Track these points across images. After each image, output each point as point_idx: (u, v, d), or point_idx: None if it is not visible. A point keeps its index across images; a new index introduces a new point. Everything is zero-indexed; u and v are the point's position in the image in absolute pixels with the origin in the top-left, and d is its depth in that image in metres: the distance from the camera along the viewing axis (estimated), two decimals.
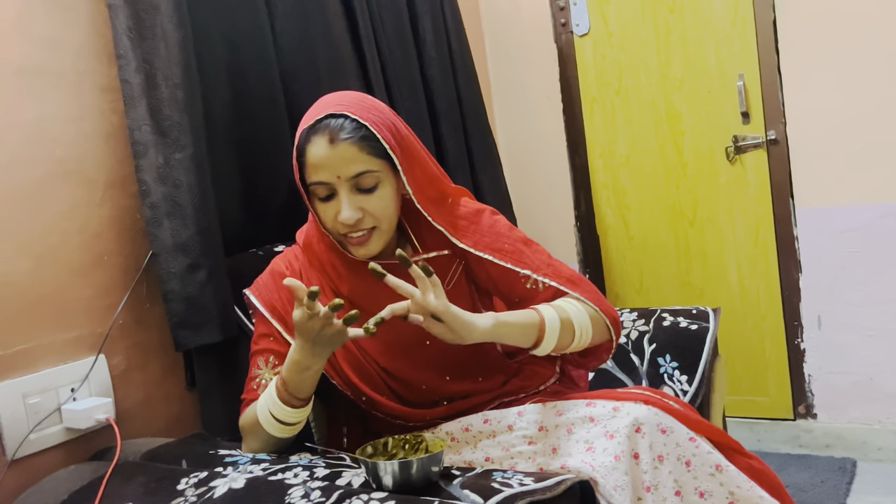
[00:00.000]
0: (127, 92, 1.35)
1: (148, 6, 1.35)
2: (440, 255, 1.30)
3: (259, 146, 1.64)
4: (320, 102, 1.21)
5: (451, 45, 2.19)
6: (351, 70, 1.81)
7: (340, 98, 1.20)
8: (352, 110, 1.16)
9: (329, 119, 1.15)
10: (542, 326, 1.16)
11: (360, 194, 1.18)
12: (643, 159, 2.58)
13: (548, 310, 1.18)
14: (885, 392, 2.26)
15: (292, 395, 1.14)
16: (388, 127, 1.19)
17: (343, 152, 1.15)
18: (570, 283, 1.25)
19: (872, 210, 2.20)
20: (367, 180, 1.17)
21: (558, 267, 1.28)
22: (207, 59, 1.52)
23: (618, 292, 2.71)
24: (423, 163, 1.26)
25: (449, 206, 1.31)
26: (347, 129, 1.15)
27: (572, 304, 1.21)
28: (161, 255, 1.35)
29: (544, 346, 1.17)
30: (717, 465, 1.07)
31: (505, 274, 1.27)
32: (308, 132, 1.16)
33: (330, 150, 1.14)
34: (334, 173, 1.16)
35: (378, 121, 1.18)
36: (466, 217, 1.29)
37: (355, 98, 1.21)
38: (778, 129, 2.32)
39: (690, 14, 2.42)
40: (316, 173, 1.16)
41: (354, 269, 1.26)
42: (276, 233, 1.66)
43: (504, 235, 1.29)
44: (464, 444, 1.22)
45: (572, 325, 1.19)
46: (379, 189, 1.19)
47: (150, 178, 1.35)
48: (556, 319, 1.17)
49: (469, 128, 2.23)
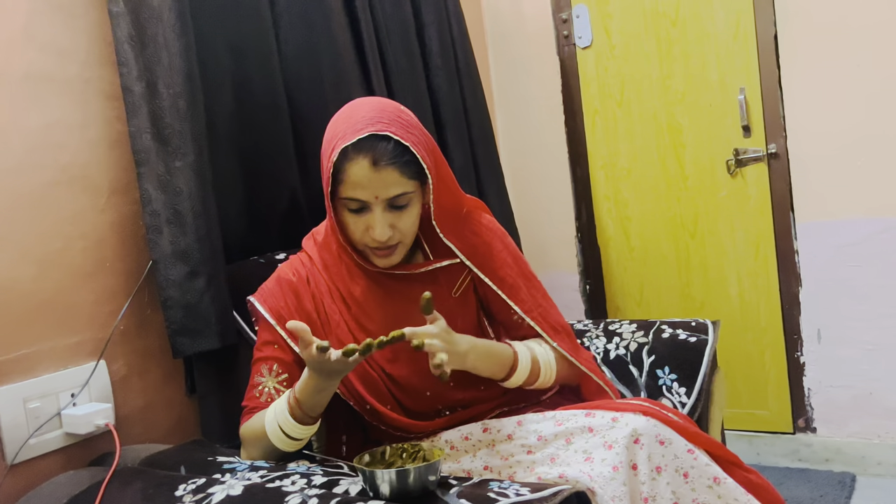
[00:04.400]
0: (128, 100, 1.36)
1: (150, 14, 1.36)
2: (452, 263, 1.33)
3: (262, 154, 1.65)
4: (356, 114, 1.19)
5: (456, 55, 2.20)
6: (355, 79, 1.82)
7: (380, 114, 1.19)
8: (393, 130, 1.16)
9: (372, 140, 1.15)
10: (514, 364, 1.27)
11: (392, 211, 1.20)
12: (644, 171, 2.59)
13: (522, 351, 1.29)
14: (884, 407, 2.26)
15: (306, 414, 1.15)
16: (425, 147, 1.21)
17: (386, 177, 1.16)
18: (551, 331, 1.34)
19: (873, 224, 2.21)
20: (402, 200, 1.20)
21: (547, 310, 1.36)
22: (211, 67, 1.53)
23: (618, 304, 2.71)
24: (449, 180, 1.30)
25: (464, 218, 1.35)
26: (391, 154, 1.15)
27: (543, 349, 1.32)
28: (161, 262, 1.36)
29: (514, 379, 1.28)
30: (715, 478, 1.07)
31: (498, 299, 1.34)
32: (349, 150, 1.15)
33: (373, 172, 1.15)
34: (373, 194, 1.17)
35: (418, 142, 1.19)
36: (480, 235, 1.35)
37: (393, 114, 1.20)
38: (779, 143, 2.33)
39: (692, 28, 2.44)
40: (353, 191, 1.17)
41: (369, 273, 1.29)
42: (277, 241, 1.67)
43: (508, 266, 1.35)
44: (463, 452, 1.22)
45: (539, 369, 1.30)
46: (410, 207, 1.22)
47: (151, 186, 1.36)
48: (527, 363, 1.28)
49: (475, 138, 2.24)
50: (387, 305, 1.28)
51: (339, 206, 1.22)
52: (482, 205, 1.43)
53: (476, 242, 1.34)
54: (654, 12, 2.49)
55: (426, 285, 1.30)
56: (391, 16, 1.98)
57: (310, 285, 1.30)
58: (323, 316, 1.29)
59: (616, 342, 1.73)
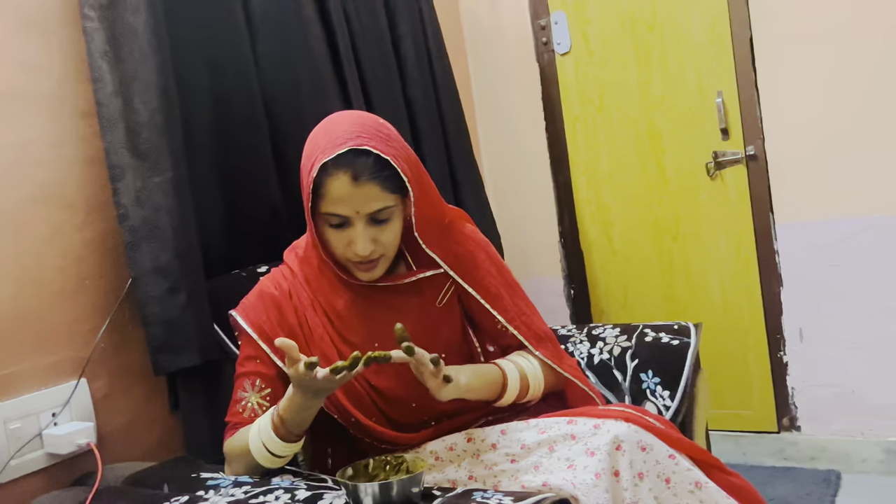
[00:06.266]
0: (103, 115, 1.36)
1: (125, 30, 1.36)
2: (435, 273, 1.33)
3: (242, 168, 1.65)
4: (336, 128, 1.19)
5: (433, 66, 2.20)
6: (332, 91, 1.82)
7: (360, 128, 1.18)
8: (373, 144, 1.16)
9: (352, 155, 1.14)
10: (504, 384, 1.28)
11: (374, 226, 1.20)
12: (626, 176, 2.61)
13: (511, 369, 1.30)
14: (867, 404, 2.28)
15: (290, 432, 1.15)
16: (406, 159, 1.20)
17: (367, 192, 1.16)
18: (535, 340, 1.34)
19: (851, 224, 2.23)
20: (384, 214, 1.19)
21: (530, 318, 1.37)
22: (188, 82, 1.53)
23: (603, 308, 2.73)
24: (431, 191, 1.29)
25: (446, 228, 1.35)
26: (371, 169, 1.15)
27: (530, 363, 1.32)
28: (140, 278, 1.35)
29: (505, 400, 1.28)
30: (697, 483, 1.08)
31: (482, 309, 1.34)
32: (329, 165, 1.15)
33: (353, 188, 1.15)
34: (354, 209, 1.17)
35: (398, 154, 1.18)
36: (463, 245, 1.35)
37: (373, 127, 1.20)
38: (757, 145, 2.36)
39: (669, 32, 2.46)
40: (334, 206, 1.17)
41: (352, 287, 1.28)
42: (259, 254, 1.66)
43: (491, 275, 1.35)
44: (448, 462, 1.22)
45: (528, 385, 1.30)
46: (392, 221, 1.21)
47: (128, 202, 1.36)
48: (516, 380, 1.29)
49: (452, 149, 2.24)
50: (370, 318, 1.28)
51: (319, 222, 1.22)
52: (464, 214, 1.43)
53: (459, 252, 1.34)
54: (632, 18, 2.51)
55: (410, 296, 1.30)
56: (367, 27, 1.98)
57: (292, 299, 1.30)
58: (306, 330, 1.28)
59: (600, 347, 1.74)
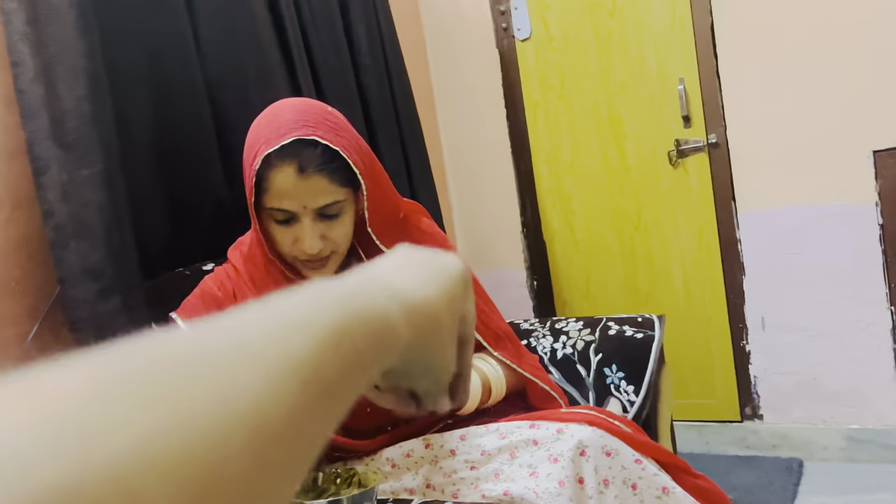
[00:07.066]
0: (24, 102, 1.24)
1: (48, 10, 1.24)
2: None
3: (183, 160, 1.55)
4: (279, 117, 1.10)
5: (385, 54, 2.12)
6: (281, 79, 1.73)
7: (305, 116, 1.09)
8: (320, 134, 1.07)
9: (297, 145, 1.06)
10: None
11: (322, 221, 1.12)
12: (587, 164, 2.56)
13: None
14: (828, 391, 2.28)
15: None
16: (357, 150, 1.12)
17: (313, 184, 1.07)
18: (494, 340, 1.30)
19: (811, 212, 2.22)
20: (333, 209, 1.11)
21: (489, 316, 1.32)
22: (122, 69, 1.42)
23: (566, 298, 2.69)
24: (384, 183, 1.21)
25: (401, 223, 1.28)
26: (319, 160, 1.06)
27: (491, 366, 1.28)
28: (67, 280, 1.25)
29: (467, 409, 1.23)
30: (664, 488, 1.03)
31: None
32: (273, 157, 1.06)
33: (299, 180, 1.06)
34: (301, 203, 1.09)
35: (348, 145, 1.10)
36: (419, 241, 1.27)
37: (320, 115, 1.11)
38: (719, 133, 2.33)
39: (629, 18, 2.41)
40: (279, 201, 1.09)
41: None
42: (204, 250, 1.57)
43: None
44: (405, 470, 1.16)
45: (490, 389, 1.26)
46: (342, 216, 1.13)
47: (53, 197, 1.25)
48: (478, 386, 1.23)
49: (406, 139, 2.17)
50: None
51: (264, 217, 1.13)
52: (420, 208, 1.36)
53: None
54: (591, 3, 2.46)
55: None
56: (318, 12, 1.89)
57: (236, 300, 1.22)
58: None
59: (563, 341, 1.70)
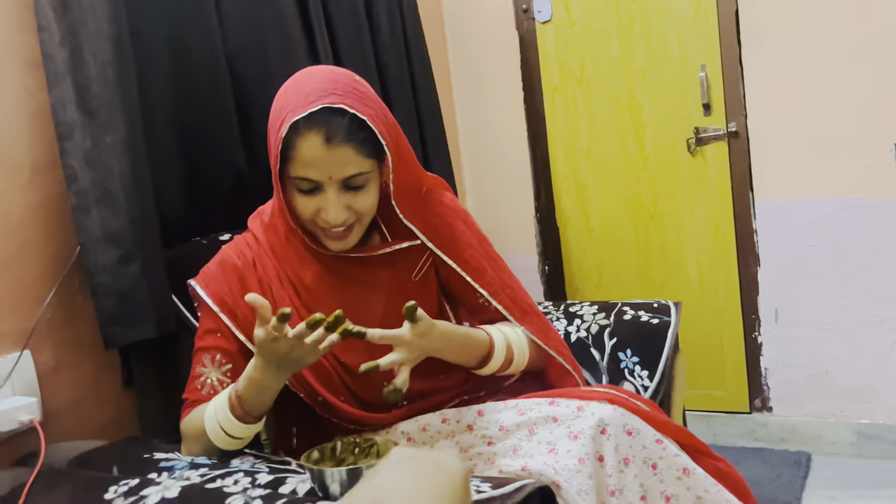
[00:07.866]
0: (50, 67, 1.24)
1: None
2: (412, 245, 1.24)
3: (203, 130, 1.54)
4: (308, 84, 1.09)
5: (406, 32, 2.11)
6: (301, 51, 1.72)
7: (333, 84, 1.08)
8: (348, 103, 1.06)
9: (325, 114, 1.05)
10: (489, 352, 1.22)
11: (347, 192, 1.11)
12: (604, 151, 2.54)
13: (497, 335, 1.23)
14: (839, 386, 2.27)
15: (248, 413, 1.06)
16: (384, 121, 1.11)
17: (340, 155, 1.06)
18: (520, 313, 1.28)
19: (829, 204, 2.20)
20: (359, 180, 1.10)
21: (515, 291, 1.30)
22: (145, 34, 1.41)
23: (577, 285, 2.68)
24: (409, 156, 1.20)
25: (424, 197, 1.27)
26: (346, 129, 1.05)
27: (516, 334, 1.26)
28: (89, 245, 1.25)
29: (488, 368, 1.23)
30: (685, 469, 1.03)
31: (462, 282, 1.27)
32: (300, 125, 1.05)
33: (325, 150, 1.05)
34: (326, 174, 1.08)
35: (375, 115, 1.09)
36: (441, 216, 1.27)
37: (348, 84, 1.09)
38: (739, 122, 2.31)
39: (653, 3, 2.38)
40: (304, 170, 1.08)
41: (321, 257, 1.20)
42: (221, 221, 1.56)
43: (472, 247, 1.28)
44: (420, 444, 1.16)
45: (512, 355, 1.24)
46: (367, 187, 1.12)
47: (77, 163, 1.24)
48: (502, 348, 1.22)
49: (423, 118, 2.16)
50: (340, 291, 1.20)
51: (288, 186, 1.12)
52: (443, 182, 1.34)
53: (437, 223, 1.25)
54: None
55: (383, 269, 1.23)
56: None
57: (256, 269, 1.21)
58: (271, 303, 1.20)
59: (577, 324, 1.69)
